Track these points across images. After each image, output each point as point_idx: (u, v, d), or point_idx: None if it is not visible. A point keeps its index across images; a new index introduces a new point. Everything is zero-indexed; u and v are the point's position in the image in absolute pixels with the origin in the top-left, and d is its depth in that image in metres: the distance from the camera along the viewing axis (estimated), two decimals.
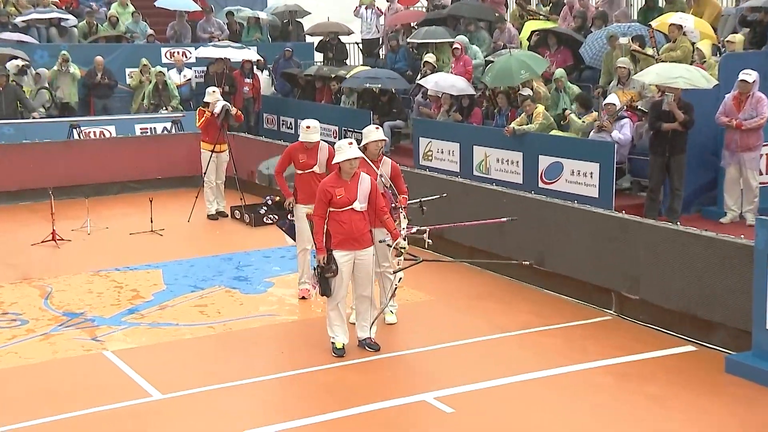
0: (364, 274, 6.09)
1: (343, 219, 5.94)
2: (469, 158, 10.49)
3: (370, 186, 6.00)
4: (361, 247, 6.02)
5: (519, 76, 10.23)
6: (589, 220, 7.20)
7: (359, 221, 5.97)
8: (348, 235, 5.94)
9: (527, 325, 6.84)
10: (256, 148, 12.12)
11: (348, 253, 5.99)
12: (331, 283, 6.01)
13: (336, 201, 5.93)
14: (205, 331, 6.70)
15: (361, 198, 5.97)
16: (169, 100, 14.12)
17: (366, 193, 5.99)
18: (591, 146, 8.90)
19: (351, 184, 5.96)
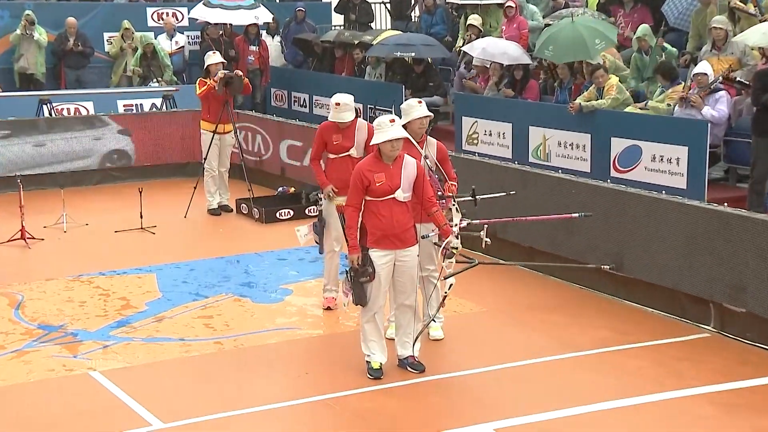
0: (406, 279, 6.04)
1: (383, 211, 5.90)
2: (523, 142, 10.44)
3: (415, 171, 5.95)
4: (404, 246, 5.97)
5: (595, 48, 10.12)
6: (682, 214, 7.10)
7: (402, 214, 5.92)
8: (388, 231, 5.90)
9: (604, 343, 6.79)
10: (265, 129, 12.13)
11: (388, 252, 5.95)
12: (367, 290, 5.97)
13: (375, 189, 5.88)
14: (211, 348, 6.72)
15: (405, 186, 5.92)
16: (160, 72, 14.15)
17: (411, 180, 5.94)
18: (677, 126, 8.79)
19: (393, 168, 5.91)
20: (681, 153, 8.63)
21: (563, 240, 8.05)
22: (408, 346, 6.21)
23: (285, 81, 14.90)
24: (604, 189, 7.75)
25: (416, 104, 6.40)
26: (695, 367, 6.34)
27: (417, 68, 12.62)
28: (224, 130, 10.55)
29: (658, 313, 7.39)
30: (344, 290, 6.14)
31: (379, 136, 5.86)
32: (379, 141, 5.85)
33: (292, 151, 11.56)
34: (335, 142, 7.16)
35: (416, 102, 6.43)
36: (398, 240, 5.94)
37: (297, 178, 11.30)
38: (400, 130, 5.88)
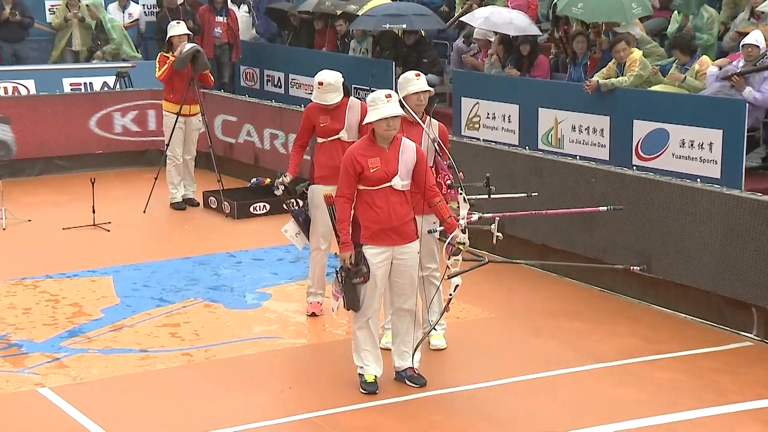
0: (405, 279, 6.01)
1: (378, 202, 5.86)
2: (532, 125, 10.45)
3: (415, 156, 5.91)
4: (403, 242, 5.94)
5: (632, 12, 10.10)
6: (720, 206, 7.09)
7: (400, 205, 5.89)
8: (385, 225, 5.86)
9: (632, 353, 6.76)
10: (234, 111, 12.08)
11: (384, 249, 5.91)
12: (360, 292, 5.93)
13: (368, 176, 5.84)
14: (179, 360, 6.67)
15: (404, 172, 5.87)
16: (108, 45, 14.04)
17: (410, 166, 5.89)
18: (710, 106, 8.81)
19: (389, 152, 5.87)
20: (714, 137, 8.64)
21: (581, 236, 8.04)
22: (407, 356, 6.18)
23: (256, 57, 14.85)
24: (630, 177, 7.74)
25: (413, 77, 6.36)
26: (737, 380, 6.33)
27: (408, 42, 12.59)
28: (190, 111, 10.50)
29: (692, 318, 7.39)
30: (334, 293, 6.09)
31: (372, 113, 5.80)
32: (373, 119, 5.80)
33: (266, 136, 11.55)
34: (322, 124, 7.14)
35: (413, 75, 6.39)
36: (396, 235, 5.90)
37: (273, 167, 11.27)
38: (397, 107, 5.83)
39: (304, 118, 7.26)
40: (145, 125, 12.51)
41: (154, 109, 12.19)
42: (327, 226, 7.06)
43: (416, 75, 6.37)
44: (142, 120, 12.53)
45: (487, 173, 6.18)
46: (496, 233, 6.00)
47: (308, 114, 7.23)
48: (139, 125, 12.51)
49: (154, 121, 12.37)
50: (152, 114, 12.40)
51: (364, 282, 5.90)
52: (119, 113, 12.47)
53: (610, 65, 9.82)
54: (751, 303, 6.97)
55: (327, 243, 7.29)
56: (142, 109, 12.54)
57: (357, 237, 5.91)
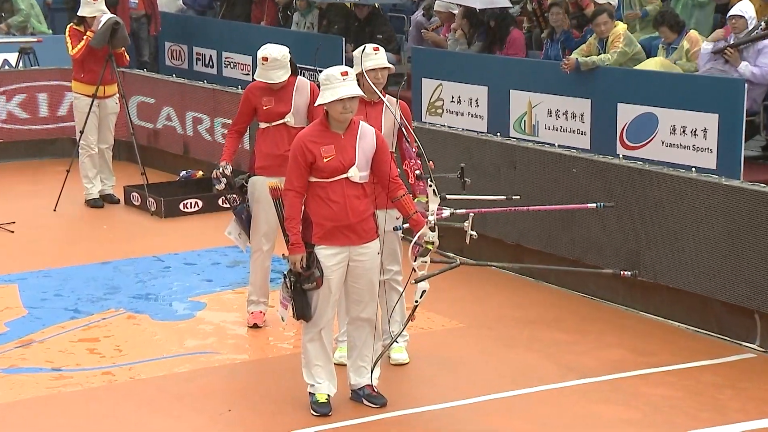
0: (364, 285, 5.99)
1: (333, 195, 5.84)
2: (502, 110, 10.50)
3: (375, 142, 5.89)
4: (361, 241, 5.91)
5: None
6: (719, 199, 7.13)
7: (358, 199, 5.87)
8: (340, 222, 5.84)
9: (619, 366, 6.79)
10: (153, 92, 12.01)
11: (340, 250, 5.88)
12: (312, 299, 5.90)
13: (321, 166, 5.80)
14: (98, 380, 6.62)
15: (362, 162, 5.85)
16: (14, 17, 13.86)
17: (369, 155, 5.88)
18: (704, 86, 8.90)
19: (345, 139, 5.84)
20: (709, 122, 8.73)
21: (560, 235, 8.06)
22: (364, 372, 6.17)
23: (184, 33, 14.75)
24: (616, 167, 7.78)
25: (371, 51, 6.35)
26: (739, 396, 6.37)
27: (361, 15, 12.58)
28: (105, 93, 10.49)
29: (688, 327, 7.42)
30: (282, 300, 6.05)
31: (326, 94, 5.76)
32: (327, 101, 5.76)
33: (188, 121, 11.54)
34: (266, 106, 7.11)
35: (372, 49, 6.37)
36: (353, 233, 5.88)
37: (206, 158, 11.25)
38: (355, 86, 5.80)
39: (244, 99, 7.22)
40: (55, 110, 12.39)
41: (65, 91, 12.03)
42: (270, 223, 7.09)
43: (375, 49, 6.36)
44: (51, 104, 12.41)
45: (461, 163, 6.14)
46: (470, 232, 5.96)
47: (249, 95, 7.18)
48: (47, 109, 12.38)
49: (65, 106, 12.24)
50: (63, 97, 12.26)
51: (317, 288, 5.88)
52: (23, 96, 12.31)
53: (591, 41, 9.89)
54: (753, 309, 7.02)
55: (270, 243, 7.28)
56: (51, 91, 12.41)
57: (308, 236, 5.88)
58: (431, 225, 5.85)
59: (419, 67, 11.51)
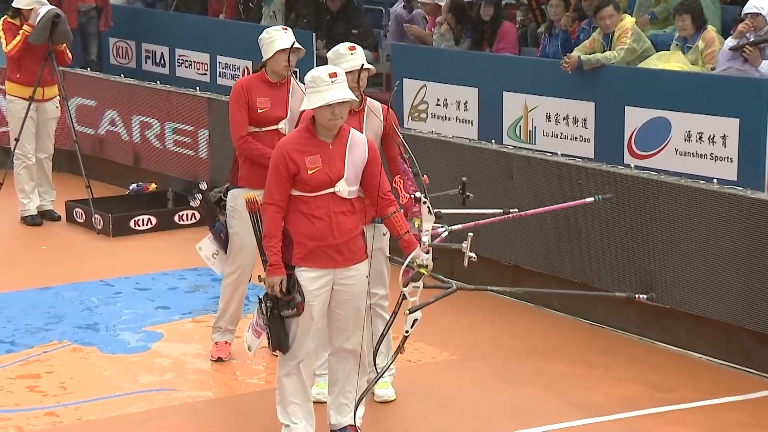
0: (349, 311, 5.97)
1: (318, 211, 5.81)
2: (494, 115, 10.50)
3: (366, 153, 5.87)
4: (347, 263, 5.89)
5: None
6: (744, 214, 7.12)
7: (345, 216, 5.84)
8: (324, 241, 5.80)
9: (633, 403, 6.78)
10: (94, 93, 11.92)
11: (323, 272, 5.85)
12: (290, 328, 5.87)
13: (305, 178, 5.78)
14: (41, 422, 6.55)
15: (351, 175, 5.83)
16: None
17: (359, 167, 5.85)
18: (724, 87, 8.91)
19: (334, 149, 5.83)
20: (729, 128, 8.75)
21: (564, 256, 8.04)
22: (346, 410, 6.13)
23: (131, 27, 14.68)
24: (626, 177, 7.78)
25: (347, 51, 6.34)
26: None
27: (333, 7, 12.57)
28: (44, 95, 10.49)
29: (710, 359, 7.43)
30: (254, 327, 6.04)
31: (313, 98, 5.75)
32: (313, 106, 5.75)
33: (135, 126, 11.54)
34: (261, 109, 7.07)
35: (346, 48, 6.36)
36: (339, 254, 5.85)
37: (158, 169, 11.20)
38: (346, 89, 5.78)
39: (237, 100, 7.09)
40: None
41: None
42: (245, 242, 7.07)
43: (350, 48, 6.35)
44: None
45: (463, 177, 6.19)
46: (469, 254, 5.97)
47: (241, 93, 7.07)
48: None
49: None
50: None
51: (298, 315, 5.84)
52: None
53: (595, 36, 9.89)
54: None
55: (252, 264, 7.26)
56: None
57: (288, 257, 5.84)
58: (425, 247, 5.83)
59: (400, 65, 11.48)
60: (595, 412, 6.62)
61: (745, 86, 8.78)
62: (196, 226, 10.17)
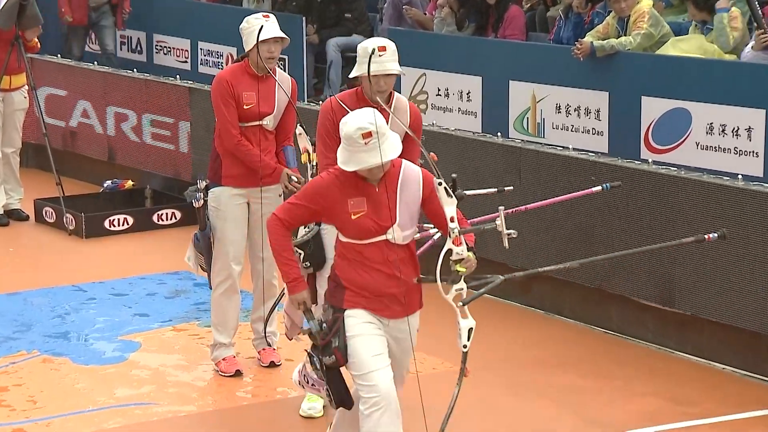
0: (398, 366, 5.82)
1: (371, 260, 5.55)
2: (500, 106, 10.48)
3: (420, 190, 5.53)
4: (404, 314, 5.67)
5: None
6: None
7: (404, 263, 5.56)
8: (380, 291, 5.56)
9: (654, 418, 6.80)
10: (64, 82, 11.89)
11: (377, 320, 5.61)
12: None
13: (350, 224, 5.52)
14: None
15: (405, 218, 5.51)
16: None
17: (414, 207, 5.54)
18: (747, 76, 8.89)
19: (380, 191, 5.50)
20: (755, 120, 8.72)
21: (577, 258, 7.95)
22: None
23: None
24: (643, 173, 7.78)
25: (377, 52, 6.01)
26: None
27: None
28: (11, 84, 10.52)
29: (735, 371, 7.44)
30: (312, 384, 5.87)
31: (345, 156, 5.48)
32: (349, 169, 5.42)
33: (110, 118, 11.54)
34: (247, 105, 7.11)
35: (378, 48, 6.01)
36: (396, 304, 5.60)
37: (135, 164, 11.22)
38: (379, 150, 5.37)
39: (223, 95, 7.09)
40: None
41: None
42: (238, 244, 7.14)
43: (381, 49, 6.04)
44: None
45: (453, 173, 6.10)
46: (507, 231, 5.49)
47: (226, 86, 7.09)
48: None
49: None
50: None
51: (338, 365, 5.61)
52: None
53: (609, 21, 9.86)
54: None
55: (241, 267, 7.29)
56: None
57: (338, 301, 5.59)
58: (456, 239, 5.37)
59: (398, 52, 11.43)
60: (611, 428, 6.65)
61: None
62: (177, 227, 10.19)
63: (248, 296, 7.59)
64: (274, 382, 7.33)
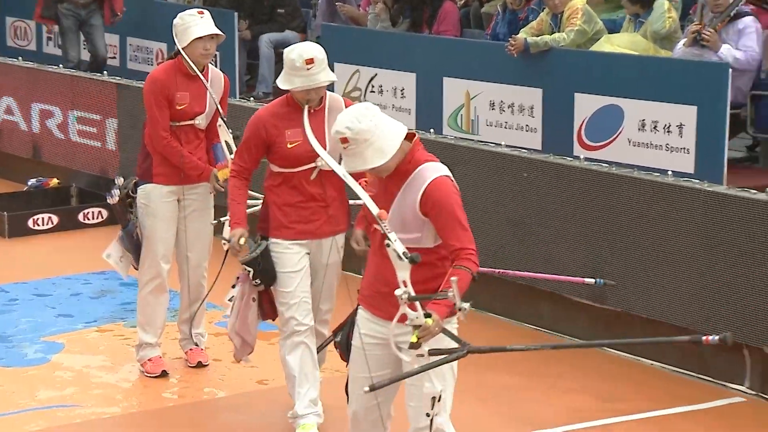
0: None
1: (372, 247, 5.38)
2: (434, 102, 10.48)
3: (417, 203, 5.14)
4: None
5: None
6: (699, 208, 7.21)
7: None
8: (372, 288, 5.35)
9: (582, 415, 6.86)
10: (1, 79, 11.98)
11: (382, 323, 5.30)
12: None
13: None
14: None
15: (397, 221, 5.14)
16: None
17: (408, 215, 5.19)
18: (681, 73, 8.97)
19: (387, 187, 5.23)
20: (686, 116, 8.78)
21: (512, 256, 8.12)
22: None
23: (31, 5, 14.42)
24: (576, 170, 7.86)
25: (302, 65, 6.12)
26: None
27: None
28: None
29: (663, 367, 7.51)
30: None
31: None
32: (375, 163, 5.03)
33: (34, 114, 11.46)
34: (180, 105, 7.12)
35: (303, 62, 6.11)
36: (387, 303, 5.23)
37: (61, 162, 11.18)
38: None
39: (151, 92, 7.11)
40: None
41: None
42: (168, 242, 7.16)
43: (308, 62, 6.15)
44: None
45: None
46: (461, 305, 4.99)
47: (158, 86, 7.10)
48: None
49: None
50: None
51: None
52: None
53: (543, 17, 9.91)
54: (742, 344, 7.10)
55: (169, 266, 7.29)
56: None
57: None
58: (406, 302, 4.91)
59: (331, 49, 11.27)
60: (541, 426, 6.69)
61: (703, 71, 8.82)
62: (103, 226, 10.15)
63: (176, 296, 7.59)
64: (201, 382, 7.33)
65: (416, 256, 4.91)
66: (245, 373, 7.22)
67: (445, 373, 5.35)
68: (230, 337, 6.54)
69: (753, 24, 9.00)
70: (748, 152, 9.85)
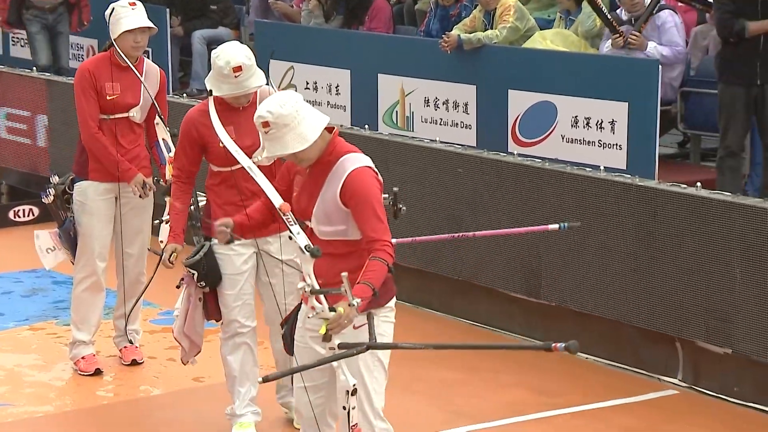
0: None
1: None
2: (369, 99, 10.50)
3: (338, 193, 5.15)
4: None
5: None
6: (631, 203, 7.32)
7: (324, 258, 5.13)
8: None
9: (518, 409, 6.92)
10: None
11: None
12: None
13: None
14: None
15: (320, 212, 5.23)
16: None
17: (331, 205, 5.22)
18: (612, 69, 9.07)
19: (312, 176, 5.24)
20: (618, 112, 8.85)
21: (444, 249, 8.18)
22: None
23: None
24: (508, 165, 7.95)
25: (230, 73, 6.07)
26: None
27: None
28: None
29: (597, 360, 7.60)
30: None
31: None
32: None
33: None
34: (110, 95, 7.09)
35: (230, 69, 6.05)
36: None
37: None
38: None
39: (85, 87, 7.09)
40: None
41: None
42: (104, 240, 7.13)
43: (236, 69, 6.08)
44: None
45: (395, 187, 5.89)
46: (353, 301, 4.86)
47: (86, 77, 7.09)
48: None
49: None
50: None
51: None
52: None
53: (476, 14, 9.96)
54: (674, 336, 7.23)
55: (105, 264, 7.26)
56: None
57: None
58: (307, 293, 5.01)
59: (264, 45, 11.40)
60: (478, 420, 6.73)
61: (634, 68, 8.91)
62: (34, 223, 10.07)
63: (111, 293, 7.57)
64: (136, 380, 7.32)
65: (316, 249, 4.94)
66: (181, 370, 7.14)
67: (372, 367, 5.36)
68: (177, 340, 6.41)
69: (671, 18, 9.08)
70: (680, 149, 9.99)
